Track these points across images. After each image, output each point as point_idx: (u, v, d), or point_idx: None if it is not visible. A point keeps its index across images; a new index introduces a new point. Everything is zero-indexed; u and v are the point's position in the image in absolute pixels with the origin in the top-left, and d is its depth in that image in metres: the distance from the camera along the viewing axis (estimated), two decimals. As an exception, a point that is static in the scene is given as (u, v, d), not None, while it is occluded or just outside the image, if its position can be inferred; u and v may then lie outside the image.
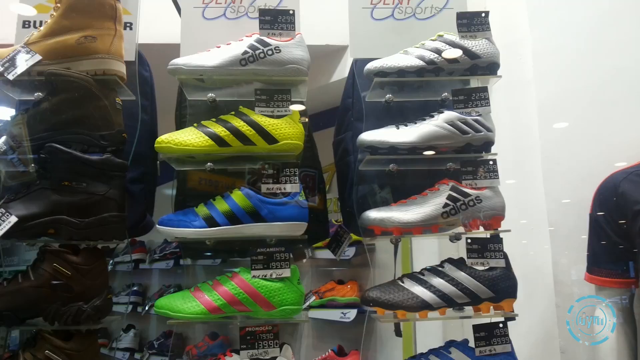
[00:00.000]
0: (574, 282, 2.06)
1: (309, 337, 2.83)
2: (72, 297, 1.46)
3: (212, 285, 1.51)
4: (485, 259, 1.52)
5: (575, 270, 2.01)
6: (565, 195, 2.13)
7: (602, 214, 1.84)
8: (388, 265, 1.65)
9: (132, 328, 3.79)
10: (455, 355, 1.49)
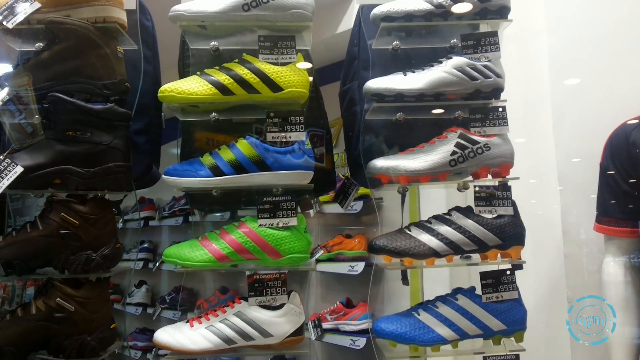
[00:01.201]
0: (582, 233, 2.05)
1: (317, 290, 2.87)
2: (81, 246, 1.47)
3: (219, 234, 1.52)
4: (494, 207, 1.51)
5: (584, 221, 1.99)
6: (576, 148, 2.09)
7: (612, 163, 1.81)
8: (395, 220, 1.64)
9: (144, 284, 3.85)
10: (462, 302, 1.49)
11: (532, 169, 2.06)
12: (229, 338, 1.47)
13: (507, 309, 1.50)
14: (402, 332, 1.47)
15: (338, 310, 2.56)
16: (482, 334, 1.49)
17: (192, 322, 1.51)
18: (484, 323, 1.48)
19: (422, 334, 1.47)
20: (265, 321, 1.48)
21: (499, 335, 1.50)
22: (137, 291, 3.81)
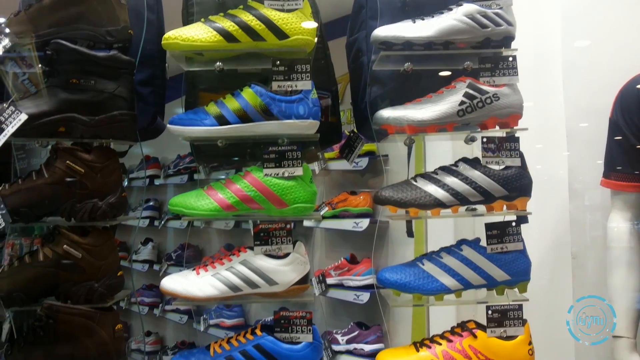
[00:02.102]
0: (589, 189, 2.04)
1: (322, 246, 2.89)
2: (87, 194, 1.48)
3: (224, 183, 1.52)
4: (501, 158, 1.49)
5: (591, 178, 1.98)
6: (585, 103, 2.07)
7: (622, 116, 1.78)
8: (401, 176, 1.63)
9: (150, 241, 3.89)
10: (466, 252, 1.50)
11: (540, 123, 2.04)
12: (235, 285, 1.48)
13: (512, 260, 1.50)
14: (406, 282, 1.48)
15: (342, 266, 2.58)
16: (485, 284, 1.50)
17: (199, 270, 1.52)
18: (488, 273, 1.49)
19: (426, 283, 1.48)
20: (270, 269, 1.49)
21: (502, 286, 1.51)
22: (144, 248, 3.85)
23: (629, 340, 1.70)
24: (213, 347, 1.53)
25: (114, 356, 1.49)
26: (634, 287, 1.73)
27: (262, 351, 1.48)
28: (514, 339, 1.47)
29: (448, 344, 1.47)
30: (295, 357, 1.48)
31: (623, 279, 1.74)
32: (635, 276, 1.74)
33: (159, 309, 3.67)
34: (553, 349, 1.87)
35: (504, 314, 1.47)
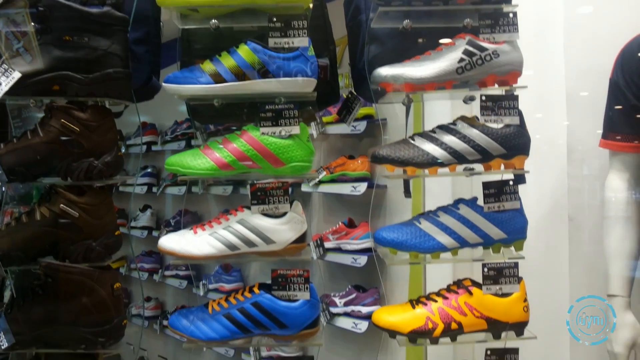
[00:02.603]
0: (588, 150, 2.03)
1: (320, 211, 2.90)
2: (83, 153, 1.47)
3: (221, 143, 1.51)
4: (499, 116, 1.48)
5: (590, 140, 1.97)
6: (586, 62, 2.04)
7: (622, 76, 1.76)
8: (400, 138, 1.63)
9: (149, 208, 3.90)
10: (463, 211, 1.50)
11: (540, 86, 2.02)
12: (232, 244, 1.49)
13: (508, 219, 1.50)
14: (403, 240, 1.49)
15: (340, 230, 2.59)
16: (482, 242, 1.50)
17: (196, 229, 1.53)
18: (484, 232, 1.49)
19: (423, 241, 1.49)
20: (268, 228, 1.49)
21: (498, 244, 1.52)
22: (142, 215, 3.86)
23: (623, 299, 1.71)
24: (211, 305, 1.54)
25: (113, 314, 1.50)
26: (630, 246, 1.74)
27: (260, 309, 1.49)
28: (509, 296, 1.48)
29: (444, 301, 1.49)
30: (292, 314, 1.49)
31: (619, 237, 1.75)
32: (632, 235, 1.75)
33: (158, 274, 3.70)
34: (548, 307, 1.89)
35: (499, 271, 1.48)
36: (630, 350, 1.69)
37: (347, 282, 2.61)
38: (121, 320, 1.52)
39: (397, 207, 2.48)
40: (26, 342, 1.48)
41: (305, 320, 1.50)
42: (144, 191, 3.83)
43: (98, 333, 1.48)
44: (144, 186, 3.82)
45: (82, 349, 1.49)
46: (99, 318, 1.48)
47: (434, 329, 1.46)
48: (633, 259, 1.76)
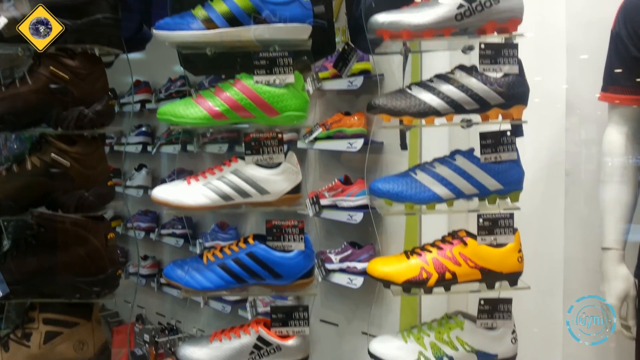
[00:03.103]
0: (587, 105, 2.01)
1: (316, 169, 2.88)
2: (73, 102, 1.44)
3: (214, 92, 1.48)
4: (499, 65, 1.45)
5: (589, 94, 1.94)
6: (587, 16, 2.00)
7: (624, 27, 1.72)
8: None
9: (144, 167, 3.88)
10: (460, 162, 1.48)
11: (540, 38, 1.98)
12: (226, 194, 1.47)
13: (505, 170, 1.49)
14: (398, 191, 1.48)
15: (336, 188, 2.58)
16: (478, 193, 1.49)
17: (190, 180, 1.51)
18: (480, 183, 1.48)
19: (418, 192, 1.48)
20: (262, 179, 1.48)
21: (494, 195, 1.51)
22: (137, 174, 3.84)
23: (617, 252, 1.72)
24: (206, 255, 1.54)
25: (107, 264, 1.50)
26: (626, 200, 1.74)
27: (254, 259, 1.49)
28: (504, 247, 1.48)
29: (438, 252, 1.49)
30: (287, 264, 1.49)
31: (615, 191, 1.75)
32: (628, 189, 1.74)
33: (155, 233, 3.71)
34: (543, 259, 1.90)
35: (495, 222, 1.47)
36: (622, 302, 1.71)
37: (342, 239, 2.62)
38: (115, 271, 1.52)
39: (394, 164, 2.46)
40: (20, 292, 1.49)
41: (299, 270, 1.50)
42: (139, 150, 3.81)
43: (92, 283, 1.48)
44: (139, 145, 3.79)
45: (76, 299, 1.50)
46: (93, 268, 1.48)
47: (428, 279, 1.47)
48: (628, 212, 1.75)
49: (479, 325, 1.50)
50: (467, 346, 1.50)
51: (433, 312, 1.68)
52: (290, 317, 1.53)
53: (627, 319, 1.73)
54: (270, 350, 1.52)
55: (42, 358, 1.50)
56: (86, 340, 1.52)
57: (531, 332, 1.83)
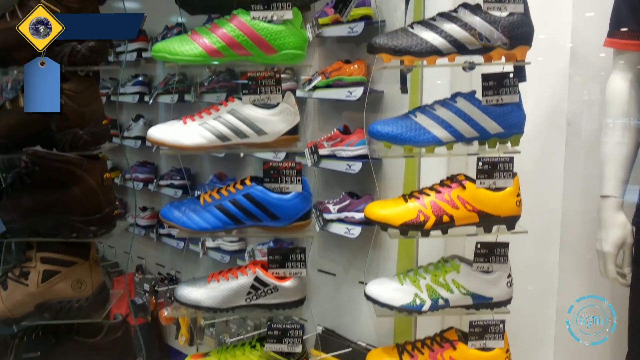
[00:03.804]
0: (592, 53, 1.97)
1: (315, 119, 2.85)
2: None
3: (210, 28, 1.44)
4: (503, 4, 1.41)
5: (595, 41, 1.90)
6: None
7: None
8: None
9: (141, 117, 3.84)
10: (460, 104, 1.46)
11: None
12: (223, 135, 1.45)
13: (506, 113, 1.47)
14: (397, 134, 1.46)
15: (335, 137, 2.56)
16: (478, 136, 1.48)
17: (185, 119, 1.49)
18: (481, 125, 1.46)
19: (418, 135, 1.46)
20: (259, 119, 1.45)
21: (495, 139, 1.49)
22: (135, 125, 3.80)
23: (616, 200, 1.71)
24: (203, 197, 1.53)
25: (104, 204, 1.50)
26: (627, 148, 1.72)
27: (251, 200, 1.48)
28: (502, 191, 1.47)
29: (436, 195, 1.48)
30: (284, 206, 1.49)
31: (617, 138, 1.72)
32: (630, 136, 1.72)
33: (153, 184, 3.69)
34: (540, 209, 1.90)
35: (494, 165, 1.46)
36: (619, 249, 1.72)
37: (341, 190, 2.61)
38: (112, 211, 1.52)
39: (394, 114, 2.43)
40: (17, 230, 1.48)
41: (297, 212, 1.50)
42: (136, 100, 3.75)
43: (89, 222, 1.48)
44: (136, 95, 3.73)
45: (73, 238, 1.49)
46: (90, 207, 1.47)
47: (425, 222, 1.46)
48: (629, 160, 1.74)
49: (475, 269, 1.51)
50: (462, 289, 1.51)
51: (430, 261, 1.69)
52: (288, 259, 1.53)
53: (623, 266, 1.74)
54: (267, 291, 1.53)
55: (41, 296, 1.51)
56: (84, 280, 1.53)
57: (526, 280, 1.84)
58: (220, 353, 1.60)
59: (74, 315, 1.52)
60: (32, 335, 1.58)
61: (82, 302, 1.52)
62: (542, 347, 2.06)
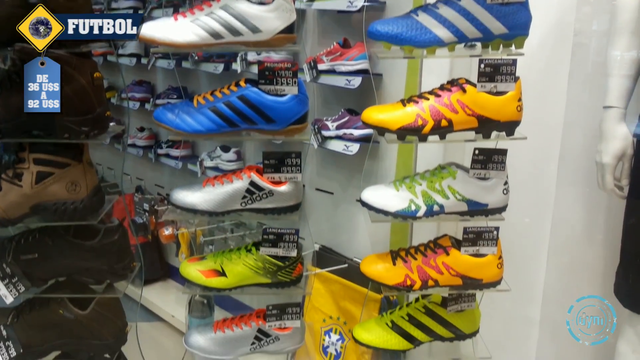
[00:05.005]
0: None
1: (315, 32, 2.76)
2: None
3: None
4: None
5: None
6: None
7: None
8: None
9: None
10: (464, 3, 1.39)
11: None
12: (216, 32, 1.40)
13: (512, 12, 1.40)
14: (397, 33, 1.40)
15: (334, 51, 2.48)
16: (481, 37, 1.42)
17: (177, 16, 1.43)
18: (485, 25, 1.40)
19: (419, 34, 1.40)
20: (254, 15, 1.39)
21: (498, 40, 1.43)
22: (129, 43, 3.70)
23: (619, 110, 1.68)
24: (197, 99, 1.50)
25: (95, 103, 1.46)
26: (635, 56, 1.66)
27: (246, 102, 1.45)
28: (504, 95, 1.44)
29: (436, 99, 1.45)
30: (280, 108, 1.46)
31: (624, 46, 1.67)
32: (637, 46, 1.66)
33: (150, 103, 3.64)
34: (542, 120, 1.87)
35: (496, 68, 1.41)
36: (618, 160, 1.70)
37: (340, 107, 2.57)
38: (104, 111, 1.49)
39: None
40: (9, 130, 1.46)
41: (293, 115, 1.47)
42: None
43: (81, 122, 1.45)
44: (129, 10, 3.61)
45: (65, 139, 1.47)
46: (81, 107, 1.44)
47: (423, 126, 1.43)
48: (636, 70, 1.69)
49: (472, 175, 1.50)
50: (458, 195, 1.50)
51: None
52: (283, 164, 1.52)
53: (621, 178, 1.73)
54: (263, 195, 1.53)
55: (35, 197, 1.50)
56: (78, 182, 1.52)
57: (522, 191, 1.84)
58: (217, 257, 1.62)
59: (69, 217, 1.53)
60: (29, 238, 1.59)
61: (77, 204, 1.52)
62: (535, 259, 2.10)
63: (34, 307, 1.65)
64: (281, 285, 1.60)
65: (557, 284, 2.09)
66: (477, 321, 1.68)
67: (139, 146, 3.77)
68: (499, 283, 1.58)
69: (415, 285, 1.54)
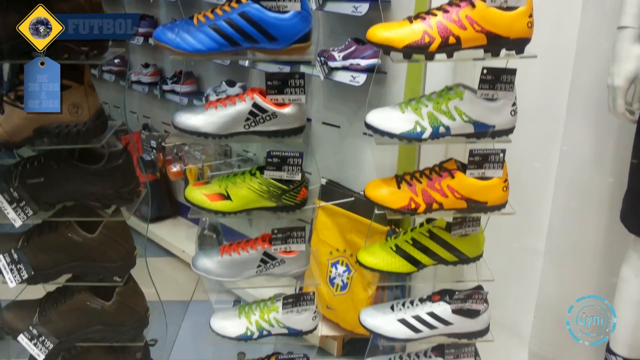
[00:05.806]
0: None
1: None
2: None
3: None
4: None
5: None
6: None
7: None
8: None
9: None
10: None
11: None
12: None
13: None
14: None
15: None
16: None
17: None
18: None
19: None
20: None
21: (512, -49, 1.37)
22: None
23: (633, 30, 1.62)
24: (197, 17, 1.46)
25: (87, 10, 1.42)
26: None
27: (247, 19, 1.41)
28: (514, 10, 1.38)
29: (444, 15, 1.39)
30: (282, 25, 1.41)
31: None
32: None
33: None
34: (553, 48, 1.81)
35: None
36: (630, 83, 1.66)
37: (346, 36, 2.50)
38: (104, 30, 1.45)
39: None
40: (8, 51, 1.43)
41: (296, 33, 1.43)
42: None
43: (80, 42, 1.42)
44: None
45: (65, 59, 1.45)
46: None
47: (430, 43, 1.39)
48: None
49: (479, 96, 1.46)
50: (464, 116, 1.47)
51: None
52: (286, 85, 1.49)
53: (633, 102, 1.69)
54: (266, 117, 1.51)
55: (38, 120, 1.48)
56: (80, 104, 1.51)
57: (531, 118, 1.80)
58: (222, 181, 1.62)
59: (73, 140, 1.52)
60: (35, 162, 1.59)
61: (80, 127, 1.51)
62: (542, 188, 2.08)
63: (43, 231, 1.67)
64: (286, 209, 1.60)
65: (563, 213, 2.09)
66: (481, 246, 1.68)
67: (144, 83, 3.74)
68: (504, 206, 1.57)
69: (420, 208, 1.54)
